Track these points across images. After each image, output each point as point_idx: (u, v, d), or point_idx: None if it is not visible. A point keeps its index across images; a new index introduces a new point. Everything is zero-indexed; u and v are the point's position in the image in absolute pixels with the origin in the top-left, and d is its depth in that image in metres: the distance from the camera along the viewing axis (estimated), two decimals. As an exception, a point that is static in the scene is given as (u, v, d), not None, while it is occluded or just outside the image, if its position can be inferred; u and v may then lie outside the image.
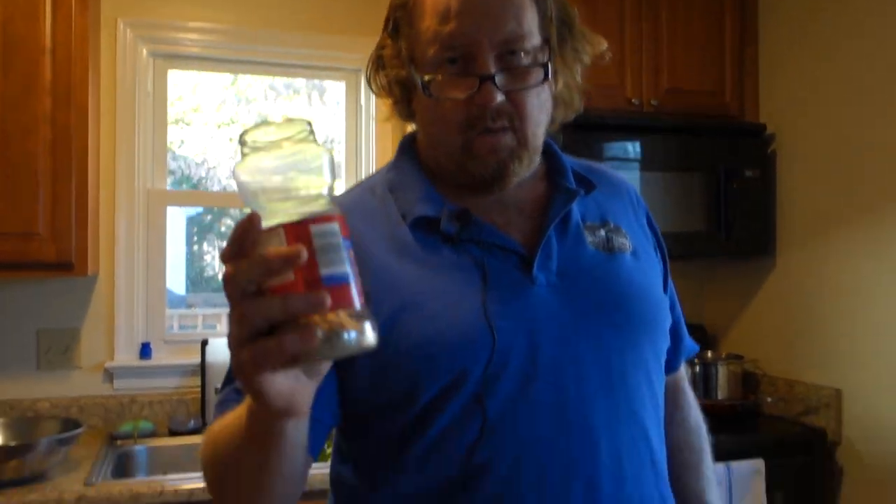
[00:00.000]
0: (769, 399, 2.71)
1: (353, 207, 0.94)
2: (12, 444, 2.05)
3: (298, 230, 0.57)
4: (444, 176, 0.98)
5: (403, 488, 0.88)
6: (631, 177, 2.59)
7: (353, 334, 0.57)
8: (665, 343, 1.00)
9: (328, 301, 0.55)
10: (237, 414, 0.74)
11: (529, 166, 0.96)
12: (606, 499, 0.87)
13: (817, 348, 2.61)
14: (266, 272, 0.55)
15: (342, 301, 0.57)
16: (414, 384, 0.85)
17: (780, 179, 2.77)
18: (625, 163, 2.59)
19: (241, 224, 0.57)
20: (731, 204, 2.68)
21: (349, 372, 0.87)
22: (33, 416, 2.36)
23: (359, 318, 0.58)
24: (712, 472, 1.14)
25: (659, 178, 2.63)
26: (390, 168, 1.03)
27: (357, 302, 0.58)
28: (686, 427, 1.13)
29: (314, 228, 0.57)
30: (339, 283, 0.57)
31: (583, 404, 0.87)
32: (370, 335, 0.58)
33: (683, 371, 1.18)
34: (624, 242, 0.99)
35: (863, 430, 2.44)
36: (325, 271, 0.56)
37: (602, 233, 0.99)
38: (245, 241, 0.57)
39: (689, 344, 1.11)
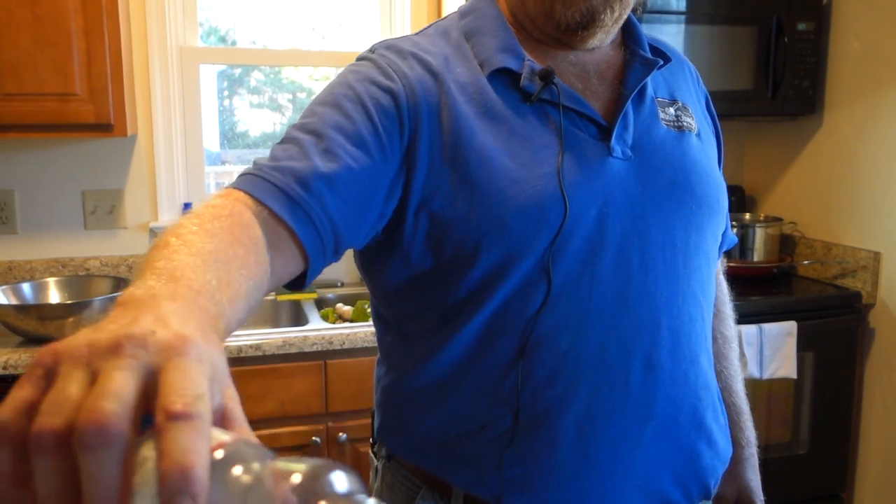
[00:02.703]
0: (805, 262, 2.71)
1: (429, 49, 0.90)
2: (69, 301, 2.14)
3: None
4: (524, 26, 0.93)
5: (461, 359, 0.89)
6: (674, 31, 2.48)
7: None
8: (722, 228, 1.00)
9: None
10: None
11: (617, 22, 0.92)
12: (664, 377, 0.88)
13: (858, 211, 2.57)
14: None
15: None
16: (479, 244, 0.84)
17: (833, 34, 2.64)
18: (668, 16, 2.48)
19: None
20: (779, 60, 2.58)
21: (416, 224, 0.85)
22: (85, 274, 2.44)
23: None
24: (738, 362, 1.15)
25: (704, 33, 2.52)
26: (464, 14, 0.97)
27: None
28: (721, 317, 1.13)
29: None
30: None
31: (646, 281, 0.87)
32: None
33: (721, 262, 1.17)
34: (691, 122, 0.97)
35: (899, 294, 2.44)
36: None
37: (672, 110, 0.96)
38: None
39: (731, 236, 1.10)
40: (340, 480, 0.40)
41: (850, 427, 2.59)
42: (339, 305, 2.47)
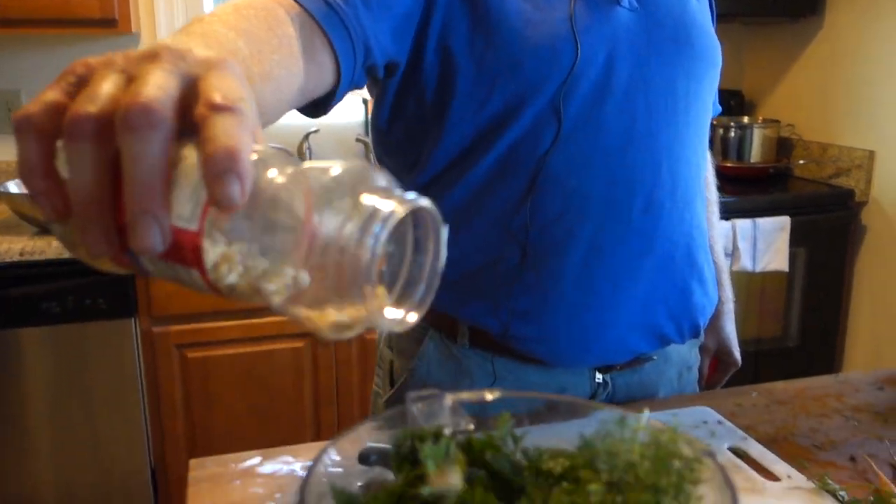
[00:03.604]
0: (801, 161, 2.75)
1: None
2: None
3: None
4: None
5: (472, 197, 0.93)
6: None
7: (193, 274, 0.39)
8: (717, 83, 1.04)
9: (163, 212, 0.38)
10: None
11: None
12: (663, 215, 0.94)
13: (855, 111, 2.60)
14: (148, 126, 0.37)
15: (184, 246, 0.38)
16: (494, 82, 0.88)
17: (837, -68, 2.63)
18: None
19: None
20: (782, -40, 2.57)
21: (434, 59, 0.87)
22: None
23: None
24: (718, 223, 1.20)
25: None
26: None
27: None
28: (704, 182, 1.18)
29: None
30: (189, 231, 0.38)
31: (649, 125, 0.92)
32: (199, 281, 0.39)
33: None
34: None
35: (891, 190, 2.50)
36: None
37: None
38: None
39: (717, 105, 1.14)
40: (379, 176, 0.41)
41: (839, 321, 2.68)
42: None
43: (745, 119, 2.88)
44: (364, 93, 1.79)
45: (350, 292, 0.38)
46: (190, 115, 0.38)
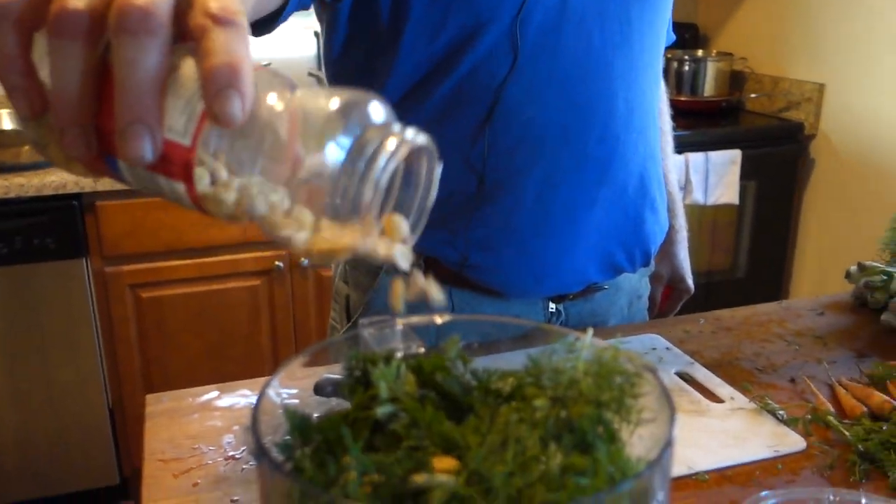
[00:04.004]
0: (753, 95, 2.78)
1: None
2: (20, 129, 2.12)
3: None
4: None
5: (427, 128, 0.92)
6: None
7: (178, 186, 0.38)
8: (670, 12, 1.03)
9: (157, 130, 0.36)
10: None
11: None
12: (617, 145, 0.94)
13: (806, 44, 2.63)
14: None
15: (174, 160, 0.37)
16: (448, 7, 0.86)
17: None
18: None
19: None
20: None
21: None
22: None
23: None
24: (672, 153, 1.21)
25: None
26: None
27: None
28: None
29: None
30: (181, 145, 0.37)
31: (604, 53, 0.91)
32: (181, 194, 0.38)
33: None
34: None
35: (839, 124, 2.54)
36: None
37: None
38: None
39: (671, 33, 1.14)
40: (379, 106, 0.40)
41: (786, 252, 2.75)
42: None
43: (700, 52, 2.89)
44: (315, 25, 1.75)
45: (346, 220, 0.39)
46: (183, 23, 0.36)
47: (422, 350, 0.45)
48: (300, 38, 2.64)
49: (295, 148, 0.37)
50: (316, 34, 2.65)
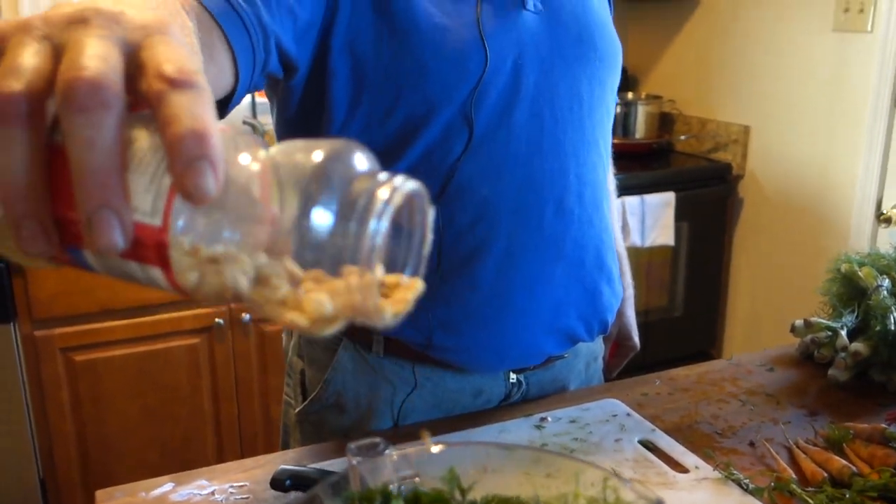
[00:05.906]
0: (682, 137, 2.86)
1: None
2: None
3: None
4: None
5: None
6: None
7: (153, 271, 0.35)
8: (617, 86, 1.05)
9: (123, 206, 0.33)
10: None
11: None
12: (573, 220, 0.95)
13: (731, 87, 2.73)
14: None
15: (146, 243, 0.34)
16: (400, 89, 0.86)
17: (711, -85, 2.72)
18: None
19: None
20: (660, -59, 2.64)
21: (339, 65, 0.85)
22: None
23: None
24: (616, 210, 1.23)
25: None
26: None
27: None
28: None
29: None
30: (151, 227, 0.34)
31: (556, 131, 0.92)
32: (161, 279, 0.35)
33: None
34: None
35: (765, 164, 2.64)
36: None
37: None
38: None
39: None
40: (362, 156, 0.38)
41: (720, 291, 2.83)
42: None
43: (630, 95, 2.97)
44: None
45: (345, 282, 0.36)
46: (135, 88, 0.33)
47: (416, 479, 0.44)
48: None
49: (275, 211, 0.34)
50: (250, 83, 2.61)
